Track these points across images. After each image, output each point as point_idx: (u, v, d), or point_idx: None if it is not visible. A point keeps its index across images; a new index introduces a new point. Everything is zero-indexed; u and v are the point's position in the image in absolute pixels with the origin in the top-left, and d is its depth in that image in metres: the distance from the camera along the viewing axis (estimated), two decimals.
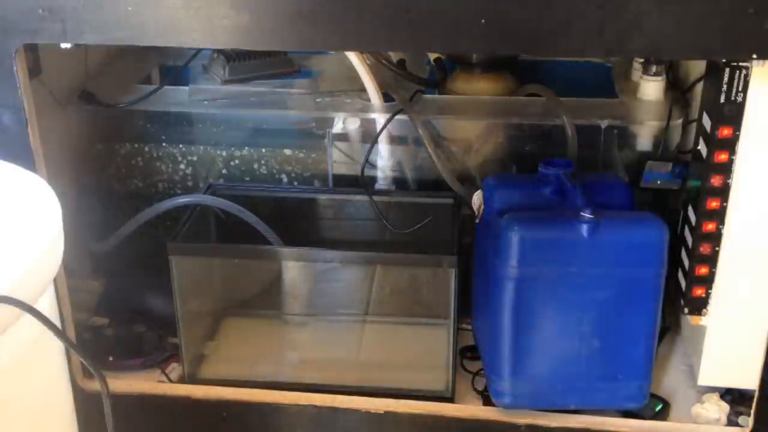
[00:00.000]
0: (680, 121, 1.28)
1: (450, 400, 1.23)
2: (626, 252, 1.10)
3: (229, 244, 1.30)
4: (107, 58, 1.46)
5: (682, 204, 1.23)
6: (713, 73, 1.08)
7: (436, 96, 1.40)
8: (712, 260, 1.14)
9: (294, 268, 1.27)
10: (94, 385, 1.17)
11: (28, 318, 0.78)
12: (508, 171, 1.33)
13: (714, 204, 1.12)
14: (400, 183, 1.36)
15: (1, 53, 1.04)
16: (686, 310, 1.18)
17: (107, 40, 1.03)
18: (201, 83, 1.40)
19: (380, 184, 1.35)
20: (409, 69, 1.40)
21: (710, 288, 1.16)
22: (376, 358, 1.31)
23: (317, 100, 1.36)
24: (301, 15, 0.99)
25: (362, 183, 1.31)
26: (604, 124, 1.27)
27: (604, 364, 1.15)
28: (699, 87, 1.22)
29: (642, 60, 1.32)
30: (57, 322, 0.89)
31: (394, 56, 1.40)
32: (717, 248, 1.14)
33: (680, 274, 1.20)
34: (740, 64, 1.04)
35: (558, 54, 1.05)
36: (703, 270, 1.15)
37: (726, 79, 1.05)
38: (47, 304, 0.88)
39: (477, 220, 1.22)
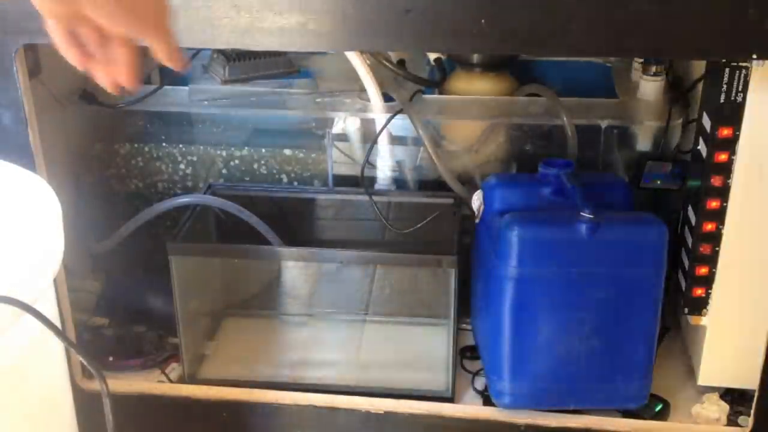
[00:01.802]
0: (680, 121, 1.28)
1: (450, 400, 1.23)
2: (626, 252, 1.10)
3: (229, 244, 1.30)
4: None
5: (682, 204, 1.23)
6: (713, 73, 1.08)
7: (436, 96, 1.40)
8: (712, 260, 1.14)
9: (294, 268, 1.27)
10: (94, 385, 1.17)
11: (28, 318, 0.78)
12: (508, 171, 1.33)
13: (714, 204, 1.12)
14: (400, 183, 1.36)
15: (1, 53, 1.04)
16: (686, 310, 1.18)
17: None
18: (201, 83, 1.40)
19: (380, 184, 1.35)
20: (409, 69, 1.40)
21: (710, 288, 1.16)
22: (376, 358, 1.31)
23: (317, 100, 1.36)
24: (300, 15, 0.99)
25: (362, 183, 1.31)
26: (604, 124, 1.27)
27: (604, 364, 1.15)
28: (699, 87, 1.22)
29: (642, 60, 1.32)
30: (57, 322, 0.89)
31: (394, 56, 1.39)
32: (717, 248, 1.14)
33: (680, 274, 1.20)
34: (740, 64, 1.04)
35: (558, 54, 1.05)
36: (703, 270, 1.15)
37: (726, 79, 1.05)
38: (47, 304, 0.88)
39: (477, 220, 1.22)
